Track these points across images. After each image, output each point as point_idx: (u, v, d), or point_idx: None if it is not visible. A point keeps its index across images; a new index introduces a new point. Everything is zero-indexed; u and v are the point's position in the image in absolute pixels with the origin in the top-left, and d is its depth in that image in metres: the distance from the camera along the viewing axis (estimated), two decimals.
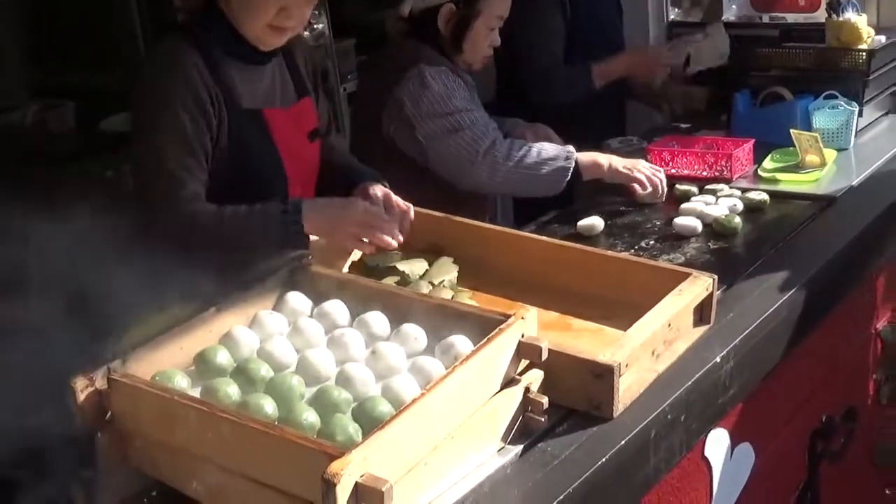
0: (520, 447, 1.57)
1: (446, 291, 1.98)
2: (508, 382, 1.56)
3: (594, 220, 2.52)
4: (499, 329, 1.53)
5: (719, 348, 1.87)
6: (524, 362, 1.58)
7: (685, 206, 2.58)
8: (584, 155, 2.66)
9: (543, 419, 1.59)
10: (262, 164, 2.19)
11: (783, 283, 2.14)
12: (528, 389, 1.58)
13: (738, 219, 2.46)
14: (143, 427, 1.49)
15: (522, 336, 1.56)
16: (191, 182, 2.06)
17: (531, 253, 2.11)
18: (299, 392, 1.51)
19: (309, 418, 1.42)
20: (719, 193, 2.66)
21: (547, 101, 3.27)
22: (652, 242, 2.43)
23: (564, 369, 1.64)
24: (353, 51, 4.72)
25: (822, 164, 2.80)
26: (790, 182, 2.76)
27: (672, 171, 2.86)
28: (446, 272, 2.08)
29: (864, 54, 3.08)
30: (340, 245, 2.05)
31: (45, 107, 4.51)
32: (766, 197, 2.61)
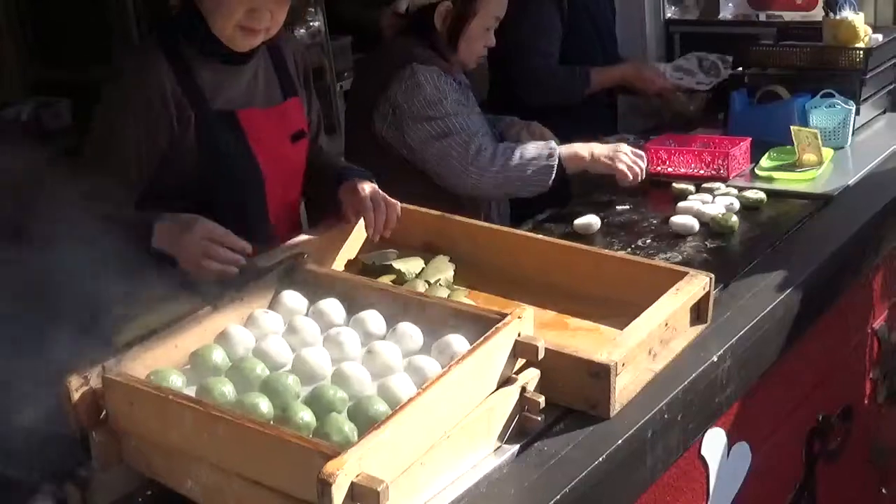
0: (516, 447, 1.57)
1: (442, 290, 1.98)
2: (505, 382, 1.55)
3: (590, 219, 2.52)
4: (495, 328, 1.52)
5: (716, 347, 1.86)
6: (521, 361, 1.58)
7: (682, 204, 2.58)
8: (564, 148, 2.67)
9: (540, 418, 1.59)
10: (236, 165, 2.18)
11: (780, 282, 2.14)
12: (524, 389, 1.57)
13: (735, 217, 2.46)
14: (138, 426, 1.48)
15: (519, 335, 1.55)
16: (114, 188, 2.01)
17: (528, 252, 2.11)
18: (295, 391, 1.50)
19: (304, 418, 1.42)
20: (716, 192, 2.66)
21: (536, 101, 3.27)
22: (648, 241, 2.43)
23: (561, 368, 1.63)
24: (350, 48, 4.72)
25: (819, 163, 2.80)
26: (787, 181, 2.76)
27: (669, 170, 2.86)
28: (442, 271, 2.08)
29: (861, 53, 3.08)
30: (184, 266, 1.97)
31: (41, 104, 4.51)
32: (762, 196, 2.60)
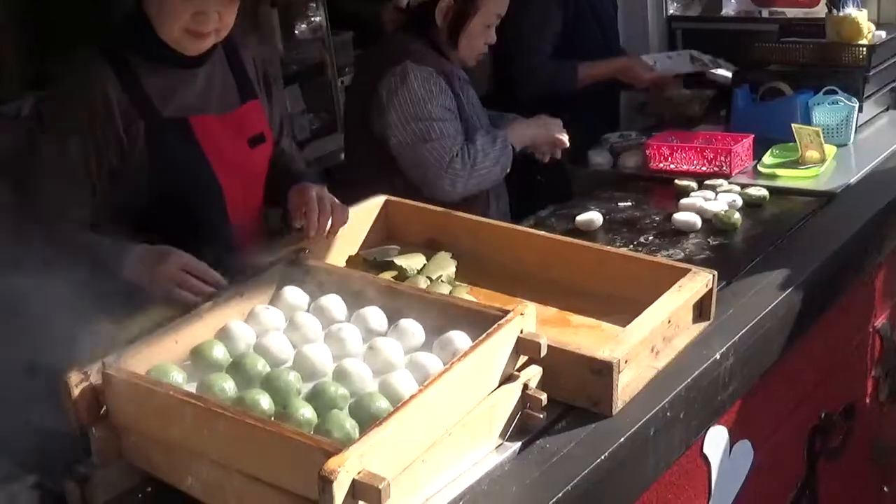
0: (518, 444, 1.56)
1: (444, 286, 1.97)
2: (507, 379, 1.55)
3: (593, 215, 2.51)
4: (497, 325, 1.52)
5: (718, 345, 1.86)
6: (523, 358, 1.57)
7: (684, 201, 2.57)
8: (508, 132, 2.76)
9: (542, 416, 1.58)
10: (189, 173, 2.13)
11: (782, 280, 2.13)
12: (526, 386, 1.57)
13: (738, 214, 2.45)
14: (139, 422, 1.48)
15: (521, 332, 1.55)
16: (70, 208, 2.04)
17: (529, 248, 2.10)
18: (296, 388, 1.49)
19: (306, 414, 1.41)
20: (719, 189, 2.65)
21: (531, 96, 3.26)
22: (651, 238, 2.43)
23: (563, 365, 1.63)
24: (351, 44, 4.71)
25: (821, 160, 2.79)
26: (790, 178, 2.75)
27: (671, 167, 2.85)
28: (444, 267, 2.07)
29: (865, 50, 3.07)
30: (154, 293, 1.98)
31: (41, 99, 4.49)
32: (765, 193, 2.60)
